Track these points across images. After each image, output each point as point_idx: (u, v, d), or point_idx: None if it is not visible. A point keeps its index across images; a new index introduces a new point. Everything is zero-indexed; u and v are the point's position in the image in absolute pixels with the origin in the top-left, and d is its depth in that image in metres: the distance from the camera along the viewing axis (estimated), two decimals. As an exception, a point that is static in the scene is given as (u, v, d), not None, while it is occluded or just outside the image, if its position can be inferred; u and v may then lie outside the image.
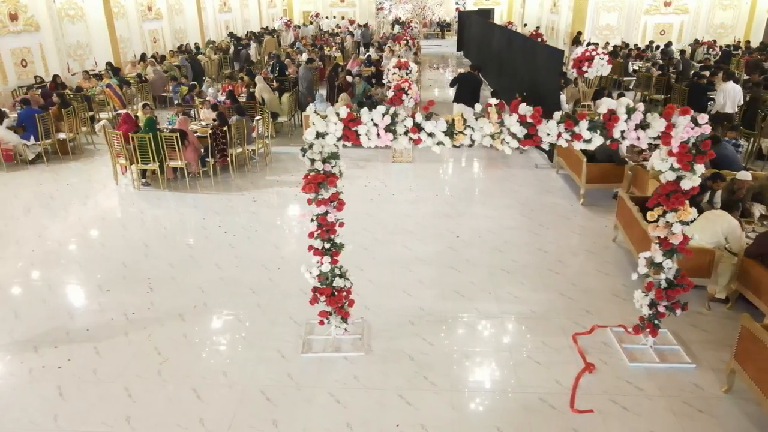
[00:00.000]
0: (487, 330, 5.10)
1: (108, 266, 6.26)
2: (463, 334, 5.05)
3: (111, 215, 7.80)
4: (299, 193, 8.46)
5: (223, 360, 4.68)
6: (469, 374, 4.52)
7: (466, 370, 4.56)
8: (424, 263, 6.31)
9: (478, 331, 5.10)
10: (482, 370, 4.56)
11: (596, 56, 8.55)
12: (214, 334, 5.05)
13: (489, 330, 5.10)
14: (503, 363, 4.63)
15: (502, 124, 4.00)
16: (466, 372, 4.54)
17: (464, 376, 4.49)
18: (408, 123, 4.01)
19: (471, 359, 4.69)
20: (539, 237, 6.97)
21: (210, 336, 5.02)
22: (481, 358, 4.69)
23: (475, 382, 4.43)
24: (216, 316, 5.30)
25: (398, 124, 4.02)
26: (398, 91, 9.34)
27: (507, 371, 4.52)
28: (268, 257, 6.46)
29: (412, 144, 4.13)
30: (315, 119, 4.06)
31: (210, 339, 4.97)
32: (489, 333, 5.06)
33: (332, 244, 4.50)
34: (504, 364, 4.61)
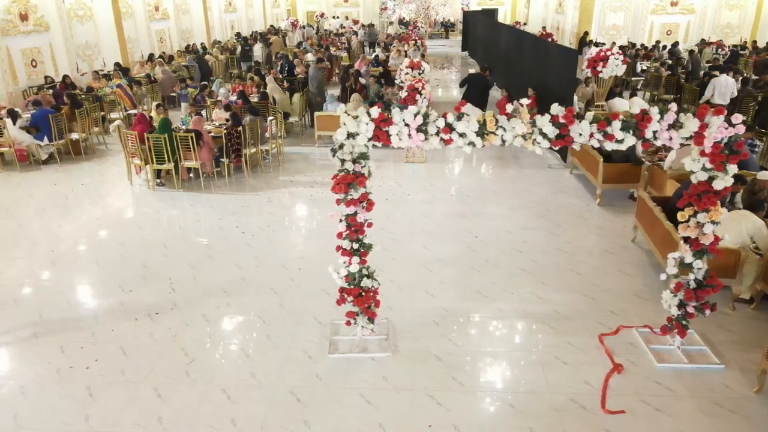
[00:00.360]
0: (511, 330, 5.10)
1: (128, 266, 6.25)
2: (488, 335, 5.05)
3: (127, 215, 7.80)
4: (314, 194, 8.53)
5: (250, 360, 4.67)
6: (497, 374, 4.51)
7: (494, 371, 4.56)
8: (444, 263, 6.30)
9: (503, 331, 5.10)
10: (510, 370, 4.56)
11: (611, 56, 8.53)
12: (239, 334, 5.05)
13: (514, 330, 5.09)
14: (531, 363, 4.62)
15: (534, 124, 4.00)
16: (495, 372, 4.54)
17: (493, 377, 4.49)
18: (440, 123, 4.00)
19: (498, 359, 4.68)
20: (557, 237, 6.96)
21: (235, 336, 5.01)
22: (508, 359, 4.69)
23: (503, 382, 4.42)
24: (240, 317, 5.30)
25: (430, 124, 4.02)
26: (412, 91, 9.33)
27: (535, 372, 4.52)
28: (287, 257, 6.46)
29: (443, 144, 4.12)
30: (346, 119, 4.06)
31: (235, 339, 4.97)
32: (514, 333, 5.05)
33: (361, 244, 4.49)
34: (532, 365, 4.60)
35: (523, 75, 12.11)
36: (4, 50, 11.75)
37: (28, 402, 4.20)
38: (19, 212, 7.78)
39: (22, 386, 4.37)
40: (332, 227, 7.30)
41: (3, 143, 9.31)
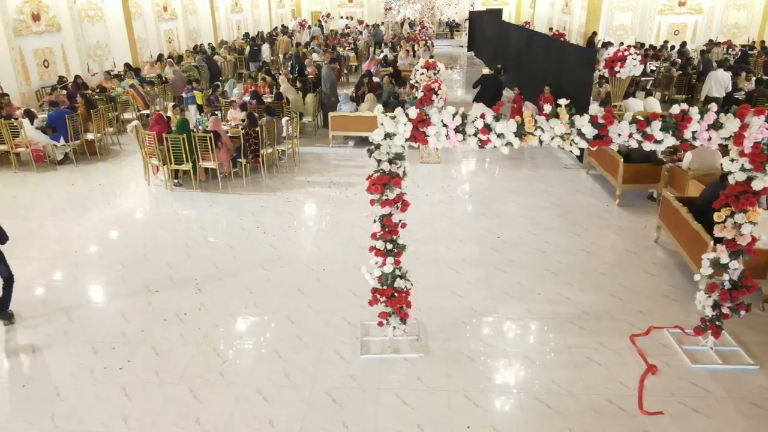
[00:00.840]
0: (542, 331, 5.09)
1: (152, 267, 6.25)
2: (518, 335, 5.04)
3: (147, 216, 7.79)
4: (332, 194, 8.53)
5: (283, 361, 4.66)
6: (531, 375, 4.51)
7: (528, 371, 4.55)
8: (469, 264, 6.30)
9: (533, 332, 5.09)
10: (544, 371, 4.55)
11: (629, 56, 8.52)
12: (270, 335, 5.04)
13: (544, 331, 5.09)
14: (564, 364, 4.61)
15: (572, 124, 3.99)
16: (529, 373, 4.53)
17: (527, 377, 4.48)
18: (478, 124, 4.00)
19: (531, 360, 4.68)
20: (580, 238, 6.95)
21: (265, 337, 5.00)
22: (541, 359, 4.68)
23: (538, 383, 4.41)
24: (268, 317, 5.29)
25: (468, 125, 4.01)
26: (428, 91, 9.32)
27: (570, 372, 4.51)
28: (311, 258, 6.45)
29: (478, 144, 4.12)
30: (384, 120, 4.05)
31: (266, 340, 4.96)
32: (544, 334, 5.04)
33: (395, 245, 4.49)
34: (566, 366, 4.59)
35: (536, 75, 12.09)
36: (17, 50, 11.74)
37: (63, 403, 4.20)
38: (39, 213, 7.77)
39: (56, 386, 4.37)
40: (353, 228, 7.38)
41: (20, 143, 9.30)
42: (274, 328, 5.15)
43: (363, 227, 7.19)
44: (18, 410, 4.14)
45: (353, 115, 10.63)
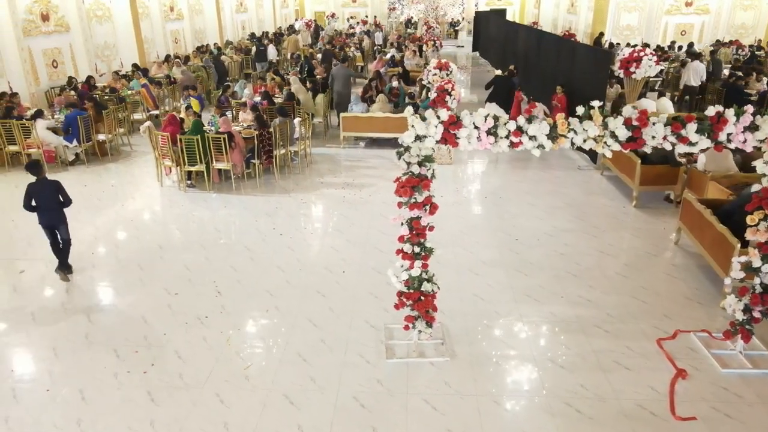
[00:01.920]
0: (567, 334, 5.05)
1: (170, 269, 6.20)
2: (544, 339, 5.00)
3: (161, 217, 7.75)
4: (346, 195, 8.49)
5: (308, 365, 4.62)
6: (560, 380, 4.46)
7: (556, 376, 4.50)
8: (489, 266, 6.25)
9: (558, 335, 5.04)
10: (572, 375, 4.50)
11: (644, 57, 8.48)
12: (293, 338, 4.99)
13: (569, 334, 5.04)
14: (592, 368, 4.57)
15: (606, 126, 3.95)
16: (557, 377, 4.49)
17: (556, 382, 4.43)
18: (511, 126, 3.95)
19: (558, 364, 4.63)
20: (598, 240, 6.91)
21: (288, 340, 4.96)
22: (568, 363, 4.64)
23: (567, 387, 4.37)
24: (290, 321, 5.24)
25: (500, 127, 3.97)
26: (441, 92, 9.28)
27: (598, 377, 4.47)
28: (330, 260, 6.41)
29: (509, 148, 4.07)
30: (415, 122, 4.01)
31: (289, 343, 4.91)
32: (570, 337, 5.00)
33: (423, 248, 4.44)
34: (593, 370, 4.55)
35: (546, 76, 12.03)
36: (27, 51, 11.70)
37: (89, 407, 4.16)
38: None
39: (81, 390, 4.32)
40: (369, 230, 7.34)
41: (31, 144, 9.26)
42: (296, 331, 5.10)
43: (379, 229, 7.17)
44: (44, 414, 4.09)
45: (365, 116, 10.59)
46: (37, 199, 5.67)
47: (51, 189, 5.68)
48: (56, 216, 5.76)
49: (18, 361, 4.73)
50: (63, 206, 5.76)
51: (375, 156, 10.37)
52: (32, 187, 5.67)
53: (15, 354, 4.82)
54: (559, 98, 10.82)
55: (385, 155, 10.37)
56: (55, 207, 5.71)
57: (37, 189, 5.66)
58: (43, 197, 5.66)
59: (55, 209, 5.72)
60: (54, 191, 5.68)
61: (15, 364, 4.67)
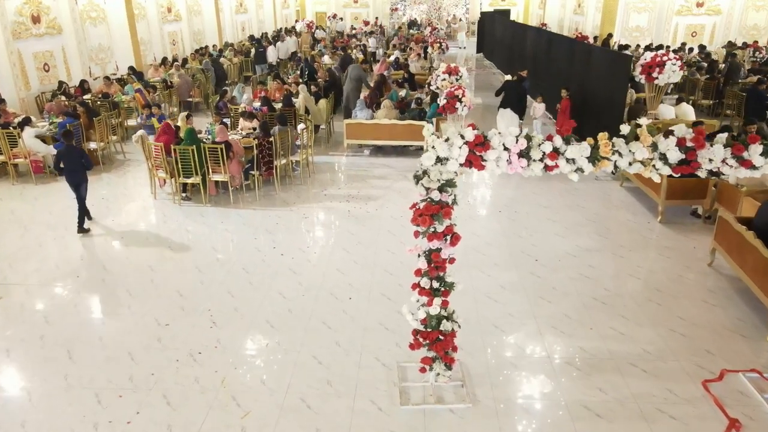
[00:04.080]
0: (600, 374, 4.53)
1: (161, 295, 5.70)
2: (575, 380, 4.48)
3: (154, 234, 7.22)
4: (351, 209, 7.97)
5: (314, 413, 4.11)
6: (598, 431, 3.96)
7: (593, 427, 3.99)
8: (509, 292, 5.74)
9: (591, 376, 4.53)
10: (612, 427, 3.99)
11: (668, 61, 7.97)
12: (296, 379, 4.48)
13: (603, 374, 4.53)
14: (633, 417, 4.06)
15: (655, 148, 3.44)
16: (594, 428, 3.97)
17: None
18: (546, 147, 3.45)
19: (593, 413, 4.12)
20: (625, 261, 6.39)
21: (291, 382, 4.45)
22: (606, 411, 4.12)
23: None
24: (293, 357, 4.73)
25: (534, 148, 3.46)
26: (452, 98, 8.77)
27: (641, 428, 3.95)
28: (335, 284, 5.89)
29: (543, 172, 3.57)
30: (436, 143, 3.50)
31: (291, 386, 4.40)
32: (604, 378, 4.48)
33: (443, 283, 3.94)
34: (635, 419, 4.04)
35: (558, 81, 11.48)
36: (16, 54, 11.20)
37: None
38: (37, 230, 7.23)
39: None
40: (378, 249, 6.82)
41: (18, 154, 8.76)
42: (300, 370, 4.59)
43: (387, 247, 6.67)
44: (11, 476, 3.59)
45: (370, 123, 10.07)
46: (65, 162, 6.94)
47: (76, 154, 7.01)
48: (80, 176, 7.00)
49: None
50: (85, 169, 7.04)
51: (381, 165, 9.86)
52: (62, 151, 7.01)
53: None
54: (563, 102, 10.29)
55: (392, 164, 9.87)
56: (79, 169, 6.98)
57: (65, 153, 6.96)
58: (70, 160, 6.91)
59: (78, 170, 6.97)
60: (78, 156, 7.01)
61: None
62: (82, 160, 7.02)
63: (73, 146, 7.05)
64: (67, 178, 7.05)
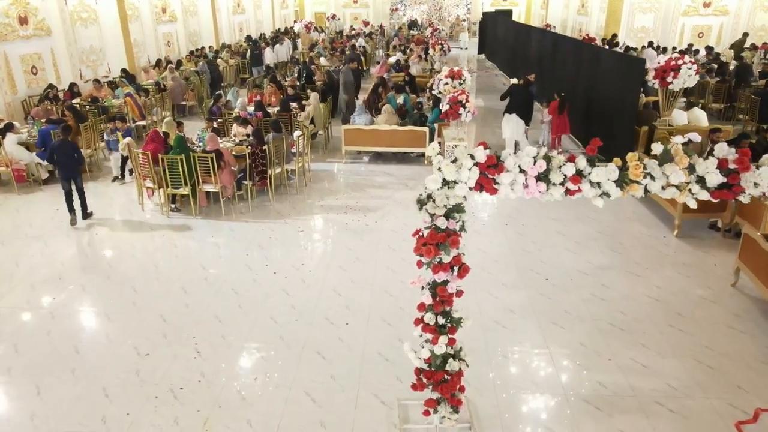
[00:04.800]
0: (623, 415, 4.11)
1: (143, 319, 5.27)
2: (596, 421, 4.06)
3: (140, 250, 6.79)
4: (349, 222, 7.54)
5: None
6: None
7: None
8: (518, 316, 5.32)
9: (613, 417, 4.10)
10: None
11: (683, 65, 7.56)
12: (286, 420, 4.06)
13: (626, 416, 4.10)
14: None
15: (692, 170, 3.02)
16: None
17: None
18: (568, 170, 3.02)
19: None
20: (642, 280, 5.97)
21: (280, 424, 4.02)
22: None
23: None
24: (284, 394, 4.31)
25: (554, 171, 3.04)
26: (455, 104, 8.34)
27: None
28: (331, 307, 5.47)
29: (564, 195, 3.15)
30: (442, 164, 3.07)
31: (282, 428, 3.98)
32: (627, 420, 4.06)
33: (449, 318, 3.51)
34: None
35: (564, 85, 11.05)
36: (2, 57, 10.78)
37: None
38: (16, 245, 6.81)
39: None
40: (376, 265, 6.37)
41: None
42: (291, 408, 4.17)
43: (387, 264, 6.26)
44: None
45: (369, 129, 9.65)
46: (58, 156, 7.11)
47: (69, 147, 7.19)
48: (73, 169, 7.20)
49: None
50: (77, 162, 7.29)
51: (380, 173, 9.44)
52: (55, 145, 7.21)
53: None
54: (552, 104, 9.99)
55: (392, 171, 9.45)
56: (73, 162, 7.17)
57: (58, 147, 7.14)
58: (63, 154, 7.10)
59: (72, 164, 7.17)
60: (72, 150, 7.21)
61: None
62: (75, 154, 7.23)
63: (67, 141, 7.20)
64: (61, 172, 7.24)
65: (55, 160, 7.17)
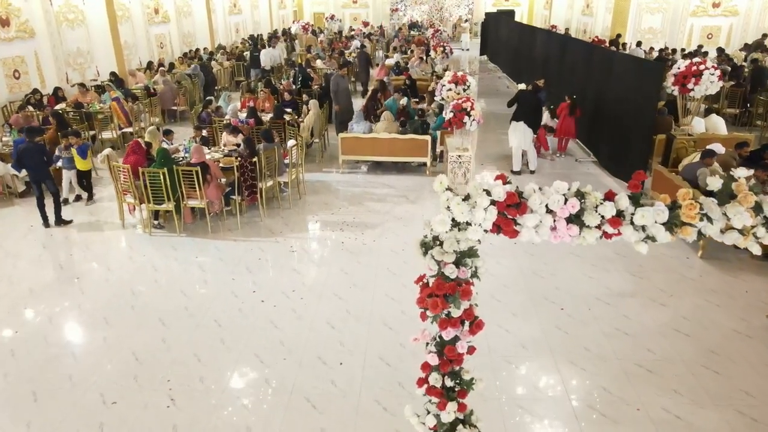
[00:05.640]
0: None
1: (113, 359, 4.71)
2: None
3: (116, 273, 6.22)
4: (345, 240, 6.95)
5: None
6: None
7: None
8: (533, 354, 4.76)
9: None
10: None
11: (705, 71, 7.00)
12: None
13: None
14: None
15: (758, 210, 2.46)
16: None
17: None
18: (606, 210, 2.47)
19: None
20: (667, 311, 5.41)
21: (262, 492, 3.48)
22: None
23: None
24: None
25: (589, 212, 2.49)
26: (459, 112, 7.78)
27: None
28: (323, 343, 4.91)
29: (600, 237, 2.60)
30: (452, 203, 2.52)
31: (262, 498, 3.43)
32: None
33: (459, 381, 2.96)
34: None
35: (573, 89, 10.47)
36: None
37: None
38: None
39: None
40: (374, 292, 5.61)
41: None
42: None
43: (386, 291, 5.71)
44: None
45: (367, 137, 9.09)
46: (25, 158, 6.94)
47: (36, 150, 6.97)
48: (41, 171, 7.02)
49: None
50: (46, 165, 7.12)
51: (380, 184, 8.88)
52: (22, 148, 6.94)
53: None
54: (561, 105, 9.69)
55: (391, 183, 8.89)
56: (40, 164, 7.00)
57: (23, 150, 6.92)
58: (29, 157, 6.92)
59: (40, 167, 7.01)
60: (40, 152, 7.02)
61: None
62: (44, 157, 7.08)
63: (34, 143, 6.99)
64: (30, 175, 7.13)
65: (24, 163, 7.05)
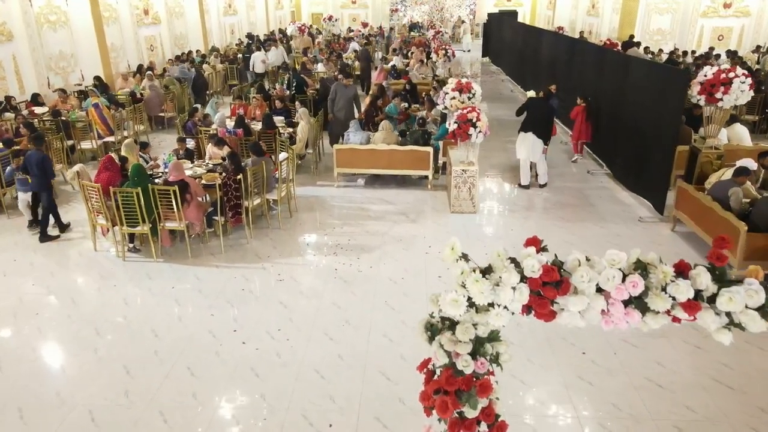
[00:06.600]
0: None
1: (64, 420, 4.05)
2: None
3: (81, 307, 5.54)
4: (339, 267, 6.25)
5: None
6: None
7: None
8: (553, 414, 4.10)
9: None
10: None
11: (735, 79, 6.35)
12: None
13: None
14: None
15: None
16: None
17: None
18: (681, 292, 1.81)
19: None
20: (703, 355, 4.75)
21: None
22: None
23: None
24: None
25: (655, 293, 1.83)
26: (464, 123, 7.13)
27: None
28: (310, 397, 4.26)
29: (661, 321, 1.94)
30: (469, 280, 1.87)
31: None
32: None
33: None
34: None
35: (576, 94, 9.79)
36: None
37: None
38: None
39: None
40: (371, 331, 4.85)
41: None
42: None
43: (383, 331, 5.06)
44: None
45: (364, 149, 8.43)
46: (29, 165, 6.70)
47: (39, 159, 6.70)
48: (39, 183, 6.74)
49: None
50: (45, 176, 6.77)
51: (377, 199, 8.22)
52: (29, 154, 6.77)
53: None
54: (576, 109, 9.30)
55: (390, 198, 8.24)
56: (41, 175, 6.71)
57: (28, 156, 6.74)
58: (32, 166, 6.68)
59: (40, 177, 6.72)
60: (40, 162, 6.70)
61: None
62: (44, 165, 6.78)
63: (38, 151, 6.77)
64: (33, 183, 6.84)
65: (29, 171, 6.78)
